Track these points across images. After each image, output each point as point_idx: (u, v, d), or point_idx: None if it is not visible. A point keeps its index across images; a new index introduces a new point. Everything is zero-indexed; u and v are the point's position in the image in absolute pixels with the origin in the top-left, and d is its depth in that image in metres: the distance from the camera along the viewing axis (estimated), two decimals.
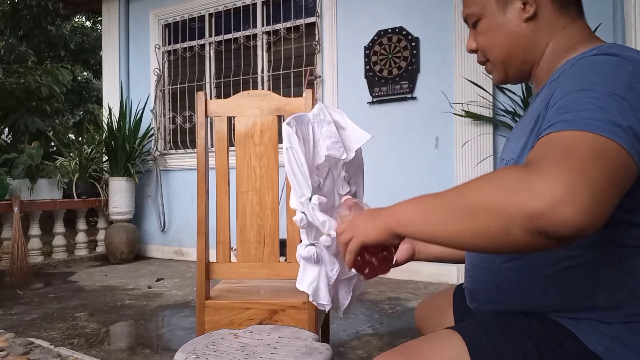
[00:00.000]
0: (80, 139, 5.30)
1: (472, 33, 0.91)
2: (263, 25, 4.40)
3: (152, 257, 4.84)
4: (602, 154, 0.57)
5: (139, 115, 4.73)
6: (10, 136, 7.18)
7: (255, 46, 4.43)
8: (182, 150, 4.79)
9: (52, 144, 6.97)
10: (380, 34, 3.76)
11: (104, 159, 4.86)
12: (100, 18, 6.74)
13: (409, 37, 3.65)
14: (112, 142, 4.58)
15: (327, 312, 1.65)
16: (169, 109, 4.92)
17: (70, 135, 7.06)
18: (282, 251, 1.45)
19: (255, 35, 4.42)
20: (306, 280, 1.17)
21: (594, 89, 0.63)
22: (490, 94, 3.30)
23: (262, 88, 4.33)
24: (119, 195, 4.55)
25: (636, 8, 2.51)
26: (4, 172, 4.15)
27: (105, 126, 4.71)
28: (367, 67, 3.81)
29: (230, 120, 1.51)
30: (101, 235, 4.83)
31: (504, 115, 3.21)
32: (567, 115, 0.62)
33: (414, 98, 3.65)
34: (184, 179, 4.72)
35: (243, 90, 1.55)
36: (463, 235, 0.61)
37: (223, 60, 4.59)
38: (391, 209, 0.71)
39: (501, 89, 3.29)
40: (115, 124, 4.63)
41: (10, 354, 2.00)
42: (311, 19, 4.10)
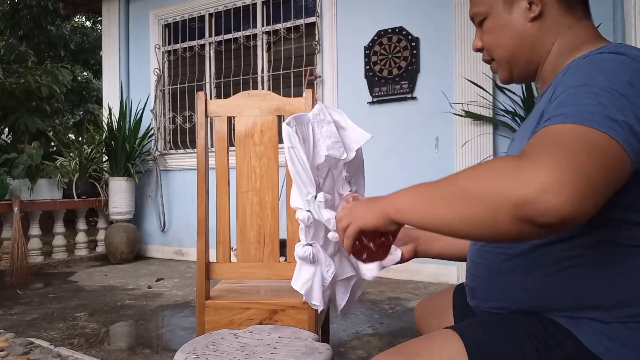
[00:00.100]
0: (80, 139, 5.29)
1: (478, 32, 0.92)
2: (263, 25, 4.40)
3: (152, 257, 4.84)
4: (595, 147, 0.57)
5: (139, 115, 4.74)
6: (10, 136, 7.17)
7: (255, 46, 4.43)
8: (182, 150, 4.79)
9: (52, 144, 6.97)
10: (380, 34, 3.77)
11: (104, 159, 4.86)
12: (100, 18, 6.74)
13: (409, 37, 3.65)
14: (112, 142, 4.58)
15: (327, 312, 1.66)
16: (169, 109, 4.92)
17: (70, 135, 7.06)
18: (282, 251, 1.45)
19: (255, 35, 4.42)
20: (301, 279, 1.17)
21: (595, 85, 0.64)
22: (490, 94, 3.30)
23: (262, 88, 4.33)
24: (119, 195, 4.56)
25: (636, 8, 2.51)
26: (4, 172, 4.15)
27: (105, 126, 4.71)
28: (367, 67, 3.81)
29: (230, 120, 1.51)
30: (101, 235, 4.83)
31: (504, 115, 3.21)
32: (565, 109, 0.63)
33: (414, 98, 3.65)
34: (184, 179, 4.73)
35: (243, 90, 1.55)
36: (453, 221, 0.62)
37: (223, 60, 4.59)
38: (389, 196, 0.73)
39: (501, 89, 3.28)
40: (115, 124, 4.63)
41: (10, 354, 2.00)
42: (311, 19, 4.10)
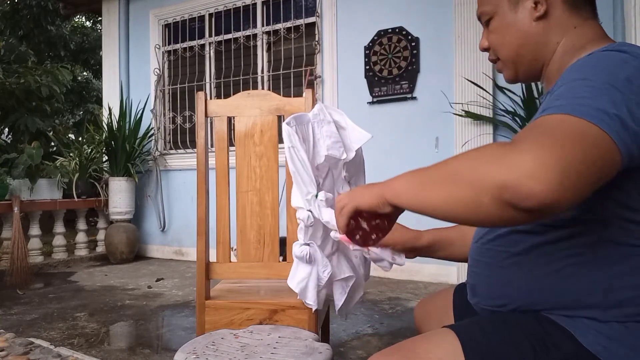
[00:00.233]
0: (80, 139, 5.29)
1: (485, 31, 0.92)
2: (263, 25, 4.40)
3: (152, 257, 4.84)
4: (583, 137, 0.57)
5: (139, 115, 4.73)
6: (10, 136, 7.17)
7: (255, 46, 4.43)
8: (182, 150, 4.79)
9: (52, 144, 6.96)
10: (380, 34, 3.76)
11: (104, 159, 4.86)
12: (100, 18, 6.74)
13: (409, 37, 3.65)
14: (112, 142, 4.58)
15: (327, 312, 1.66)
16: (169, 109, 4.92)
17: (70, 135, 7.06)
18: (282, 249, 1.45)
19: (255, 35, 4.42)
20: (296, 278, 1.17)
21: (593, 79, 0.65)
22: (490, 94, 3.30)
23: (262, 88, 4.33)
24: (119, 195, 4.55)
25: (636, 8, 2.51)
26: (4, 172, 4.15)
27: (105, 126, 4.71)
28: (367, 67, 3.81)
29: (230, 120, 1.51)
30: (101, 235, 4.83)
31: (504, 115, 3.21)
32: (561, 101, 0.64)
33: (414, 98, 3.65)
34: (184, 179, 4.73)
35: (243, 90, 1.55)
36: (441, 203, 0.64)
37: (223, 60, 4.59)
38: (388, 180, 0.75)
39: (501, 89, 3.28)
40: (115, 124, 4.63)
41: (10, 354, 2.00)
42: (311, 19, 4.10)
